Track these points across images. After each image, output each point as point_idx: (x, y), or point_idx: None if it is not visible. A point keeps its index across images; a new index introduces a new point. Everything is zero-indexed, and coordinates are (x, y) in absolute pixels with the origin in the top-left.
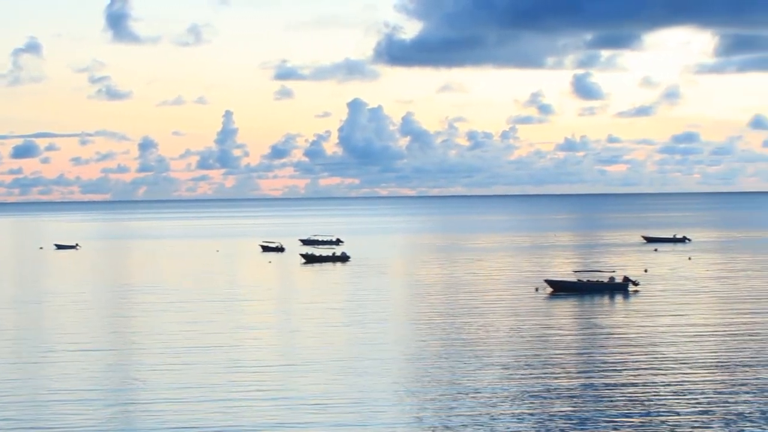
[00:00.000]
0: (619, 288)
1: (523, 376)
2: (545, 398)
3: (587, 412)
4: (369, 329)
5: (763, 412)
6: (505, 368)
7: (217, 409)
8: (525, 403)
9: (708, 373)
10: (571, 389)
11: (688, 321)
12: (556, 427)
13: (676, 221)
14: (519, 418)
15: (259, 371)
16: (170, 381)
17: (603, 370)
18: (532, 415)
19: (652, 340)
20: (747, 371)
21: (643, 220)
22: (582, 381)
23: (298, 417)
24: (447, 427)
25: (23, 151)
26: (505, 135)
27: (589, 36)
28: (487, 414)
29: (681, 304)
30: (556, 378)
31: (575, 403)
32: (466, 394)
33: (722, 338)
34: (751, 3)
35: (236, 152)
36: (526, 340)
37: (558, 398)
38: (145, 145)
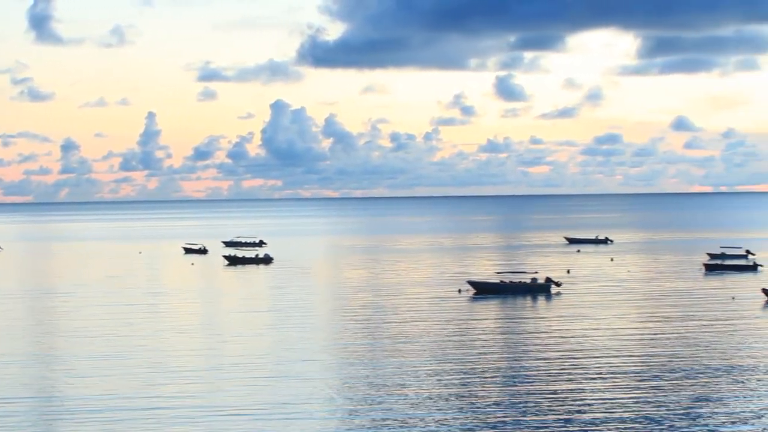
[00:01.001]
0: (542, 289)
1: (445, 379)
2: (468, 402)
3: (508, 415)
4: (293, 331)
5: (684, 415)
6: (429, 371)
7: (140, 416)
8: (447, 407)
9: (629, 375)
10: (492, 392)
11: (610, 322)
12: (477, 430)
13: (599, 222)
14: (442, 422)
15: (182, 375)
16: (91, 386)
17: (524, 373)
18: (455, 418)
19: (573, 342)
20: (668, 373)
21: (565, 222)
22: (503, 384)
23: (223, 422)
24: (371, 430)
25: None
26: (427, 136)
27: (512, 38)
28: (410, 418)
29: (603, 305)
30: (478, 381)
31: (496, 406)
32: (390, 397)
33: (644, 340)
34: (673, 5)
35: (159, 154)
36: (449, 342)
37: (480, 402)
38: (68, 147)
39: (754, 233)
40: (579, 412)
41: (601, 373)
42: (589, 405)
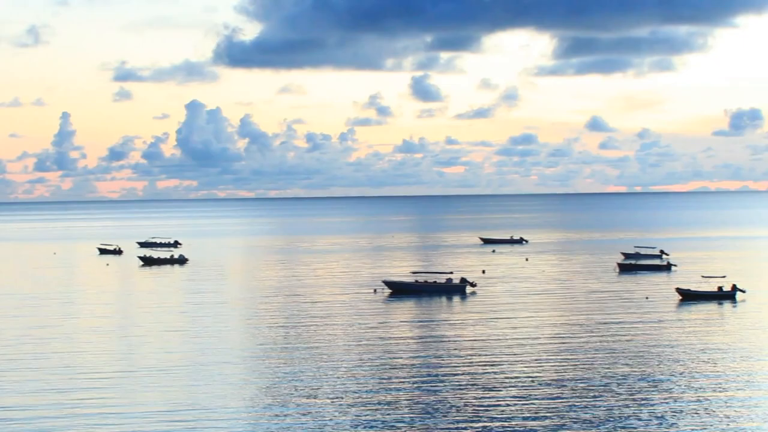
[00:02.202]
0: (457, 289)
1: (360, 380)
2: (381, 403)
3: (420, 416)
4: (207, 332)
5: (598, 415)
6: (343, 371)
7: (53, 420)
8: (361, 407)
9: (542, 376)
10: (405, 393)
11: (525, 323)
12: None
13: (514, 223)
14: (355, 422)
15: (97, 378)
16: (3, 389)
17: (438, 374)
18: (368, 419)
19: (487, 343)
20: (581, 373)
21: (480, 222)
22: (416, 384)
23: (136, 424)
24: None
25: None
26: (343, 137)
27: (428, 38)
28: (323, 419)
29: (518, 305)
30: (392, 382)
31: (409, 407)
32: (305, 397)
33: (558, 340)
34: (588, 6)
35: (73, 154)
36: (364, 342)
37: (392, 403)
38: None
39: (668, 233)
40: (491, 413)
41: (514, 375)
42: (501, 406)
